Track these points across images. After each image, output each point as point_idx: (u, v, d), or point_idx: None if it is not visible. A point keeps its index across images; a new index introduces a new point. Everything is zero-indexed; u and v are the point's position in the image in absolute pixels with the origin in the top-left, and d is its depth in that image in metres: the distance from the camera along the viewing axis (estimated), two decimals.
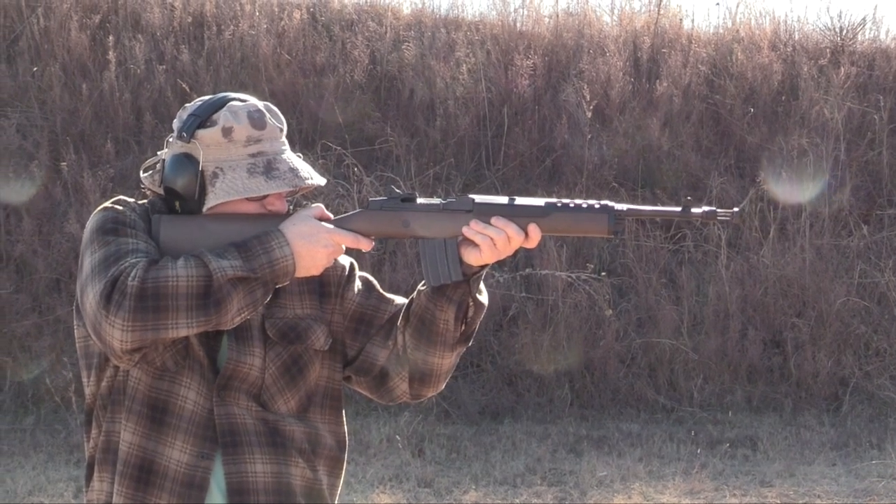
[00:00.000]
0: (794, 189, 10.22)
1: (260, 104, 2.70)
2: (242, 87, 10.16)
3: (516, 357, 9.43)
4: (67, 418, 8.46)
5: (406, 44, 10.90)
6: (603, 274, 9.66)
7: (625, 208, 2.64)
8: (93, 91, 10.16)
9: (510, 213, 2.63)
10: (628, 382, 9.44)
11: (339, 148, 10.00)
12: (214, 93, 2.80)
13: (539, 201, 2.66)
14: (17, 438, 8.41)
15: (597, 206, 2.64)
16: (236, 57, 10.63)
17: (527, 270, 9.63)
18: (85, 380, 2.72)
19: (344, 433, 2.78)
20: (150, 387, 2.63)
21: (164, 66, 10.35)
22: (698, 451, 8.41)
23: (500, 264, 9.50)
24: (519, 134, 10.50)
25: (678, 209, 2.65)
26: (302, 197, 8.24)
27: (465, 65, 10.72)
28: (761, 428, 8.92)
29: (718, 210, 2.63)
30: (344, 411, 2.80)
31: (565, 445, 8.53)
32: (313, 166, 2.76)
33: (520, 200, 2.66)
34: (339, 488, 2.78)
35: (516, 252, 2.71)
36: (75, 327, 2.70)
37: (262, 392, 2.66)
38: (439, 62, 10.77)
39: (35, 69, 10.29)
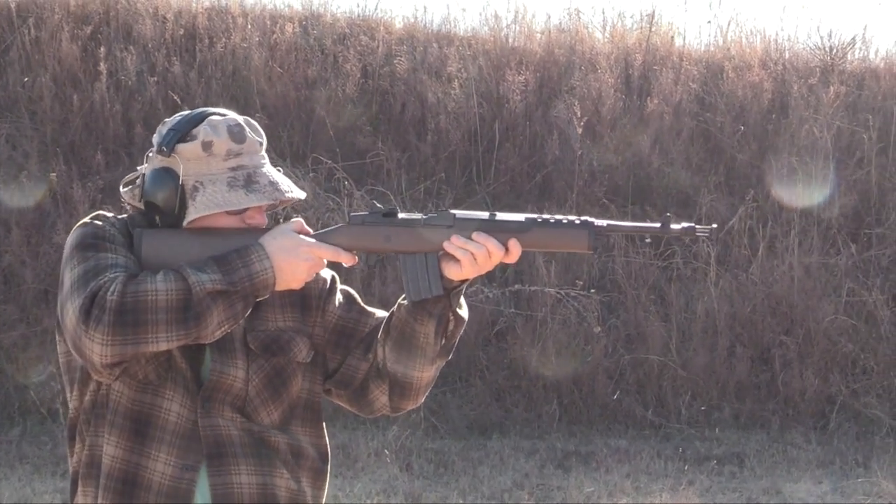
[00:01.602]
0: (790, 212, 10.24)
1: (240, 118, 2.71)
2: (234, 100, 10.17)
3: (505, 372, 9.43)
4: (54, 430, 8.44)
5: (398, 58, 10.91)
6: (592, 290, 9.66)
7: (605, 224, 2.65)
8: (83, 102, 10.15)
9: (491, 228, 2.64)
10: (616, 398, 9.44)
11: (329, 161, 10.00)
12: (206, 105, 2.82)
13: (519, 216, 2.67)
14: (2, 450, 8.38)
15: (577, 221, 2.64)
16: (228, 70, 10.63)
17: (516, 286, 9.63)
18: (68, 394, 2.72)
19: (326, 445, 2.78)
20: (132, 400, 2.62)
21: (156, 78, 10.35)
22: (686, 467, 8.42)
23: (489, 279, 9.50)
24: (510, 149, 10.51)
25: (657, 225, 2.66)
26: (292, 209, 8.24)
27: (456, 80, 10.74)
28: (748, 445, 8.93)
29: (697, 226, 2.65)
30: (324, 424, 2.80)
31: (553, 461, 8.53)
32: (304, 179, 2.77)
33: (500, 216, 2.67)
34: (324, 501, 2.78)
35: (505, 268, 2.72)
36: (58, 342, 2.70)
37: (246, 404, 2.66)
38: (431, 77, 10.78)
39: (26, 79, 10.29)
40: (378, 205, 2.73)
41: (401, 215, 2.69)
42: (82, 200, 9.45)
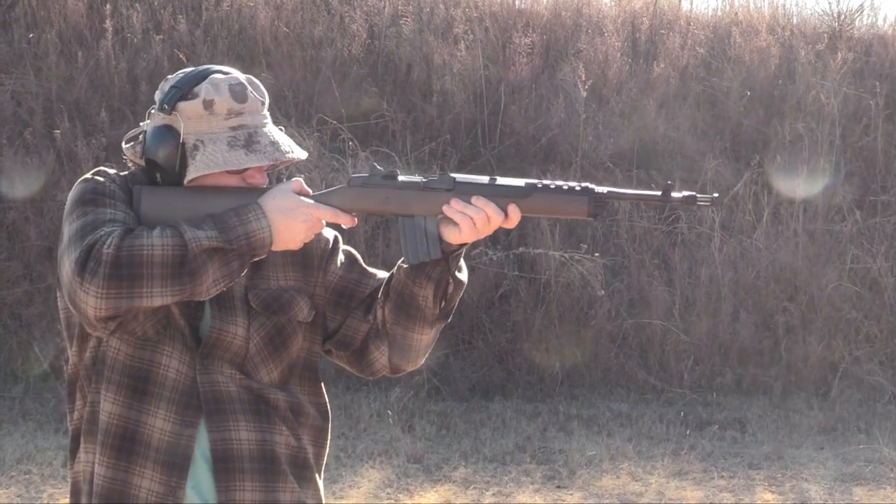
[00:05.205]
0: (796, 179, 10.21)
1: (242, 77, 2.70)
2: (239, 59, 10.13)
3: (508, 335, 9.44)
4: (57, 387, 8.46)
5: (404, 19, 10.86)
6: (596, 254, 9.66)
7: (605, 191, 2.63)
8: (89, 59, 10.12)
9: (491, 192, 2.63)
10: (619, 362, 9.45)
11: (334, 122, 9.98)
12: (211, 64, 2.81)
13: (520, 181, 2.65)
14: (5, 406, 8.41)
15: (577, 188, 2.63)
16: (234, 28, 10.59)
17: (520, 249, 9.62)
18: (69, 350, 2.73)
19: (325, 403, 2.79)
20: (130, 356, 2.63)
21: (161, 36, 10.31)
22: (687, 432, 8.44)
23: (492, 242, 9.50)
24: (515, 112, 10.48)
25: (658, 193, 2.65)
26: (296, 169, 8.22)
27: (462, 42, 10.69)
28: (750, 410, 8.95)
29: (698, 195, 2.63)
30: (324, 384, 2.81)
31: (555, 424, 8.55)
32: (308, 139, 2.76)
33: (501, 180, 2.65)
34: (325, 459, 2.79)
35: (509, 230, 2.71)
36: (58, 297, 2.70)
37: (246, 361, 2.67)
38: (437, 38, 10.74)
39: (31, 36, 10.25)
40: (378, 167, 2.72)
41: (401, 178, 2.67)
42: (86, 158, 9.43)
